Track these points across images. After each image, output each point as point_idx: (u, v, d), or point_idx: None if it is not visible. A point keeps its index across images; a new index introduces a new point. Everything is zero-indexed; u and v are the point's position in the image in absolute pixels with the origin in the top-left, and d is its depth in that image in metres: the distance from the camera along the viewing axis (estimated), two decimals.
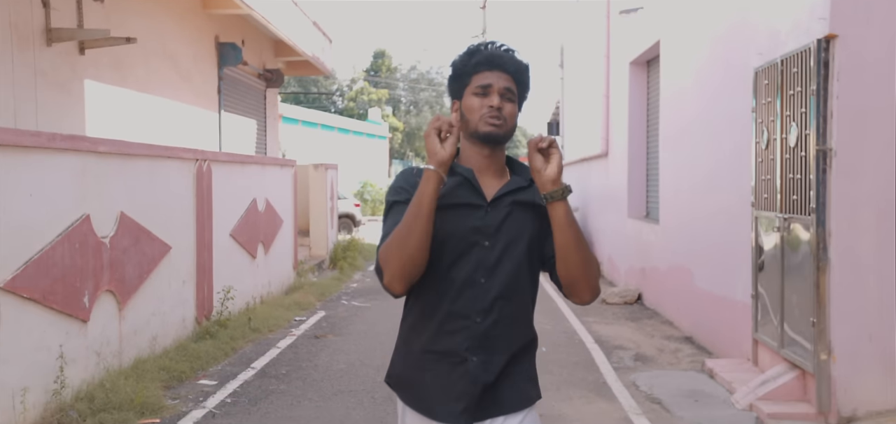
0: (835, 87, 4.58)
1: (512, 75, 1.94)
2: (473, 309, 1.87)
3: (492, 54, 1.94)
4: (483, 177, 1.93)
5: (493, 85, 1.90)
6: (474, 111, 1.90)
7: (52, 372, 4.51)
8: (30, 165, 4.34)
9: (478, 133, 1.90)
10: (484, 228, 1.88)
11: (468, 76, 1.93)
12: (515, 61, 1.96)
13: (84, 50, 6.82)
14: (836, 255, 4.62)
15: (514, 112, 1.94)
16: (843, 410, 4.60)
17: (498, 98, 1.89)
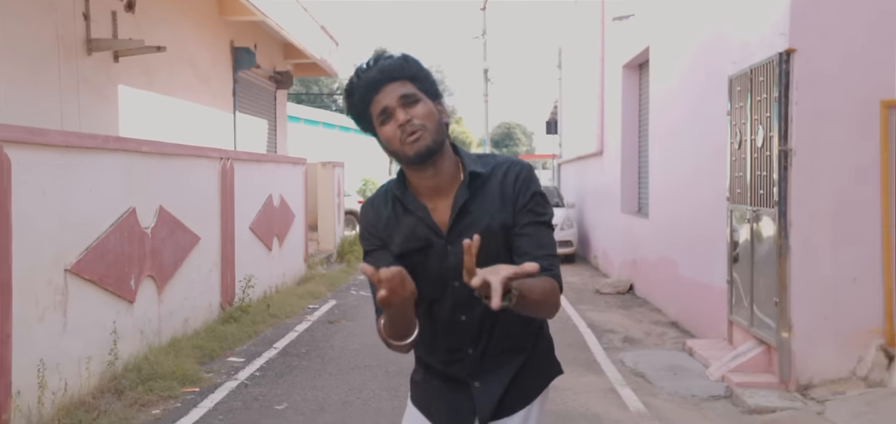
0: (794, 95, 5.24)
1: (400, 78, 1.76)
2: (463, 342, 1.85)
3: (368, 79, 1.76)
4: (436, 201, 1.81)
5: (388, 105, 1.73)
6: (392, 140, 1.74)
7: (106, 346, 5.18)
8: (89, 164, 5.01)
9: (408, 157, 1.74)
10: (449, 268, 1.77)
11: (365, 111, 1.78)
12: (392, 65, 1.77)
13: (118, 58, 7.49)
14: (795, 244, 5.28)
15: (426, 109, 1.74)
16: (801, 379, 5.26)
17: (401, 112, 1.73)
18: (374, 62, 1.77)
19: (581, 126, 15.11)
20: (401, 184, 1.82)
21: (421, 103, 1.74)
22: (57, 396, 4.53)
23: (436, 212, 1.79)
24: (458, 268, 1.67)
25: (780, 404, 5.00)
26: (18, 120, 5.60)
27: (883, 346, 5.10)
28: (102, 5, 7.24)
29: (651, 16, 9.29)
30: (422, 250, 1.78)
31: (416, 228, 1.77)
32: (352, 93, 1.78)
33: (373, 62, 1.77)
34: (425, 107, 1.74)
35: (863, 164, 5.19)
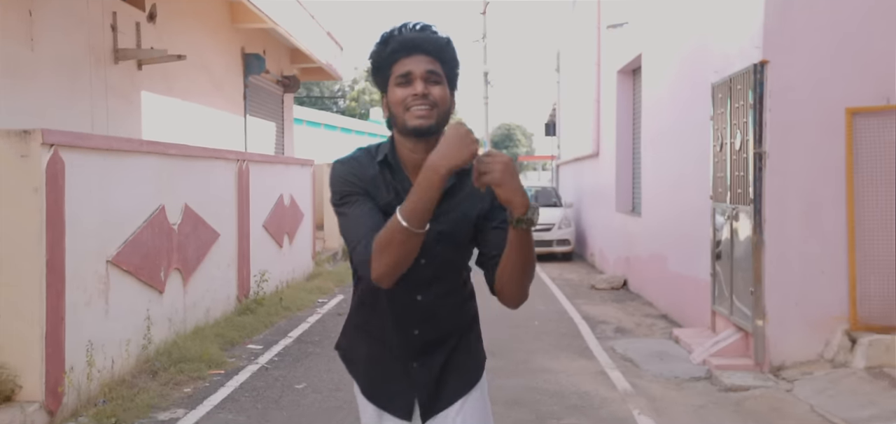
0: (768, 102, 5.79)
1: (433, 55, 1.81)
2: (412, 321, 1.91)
3: (406, 38, 1.80)
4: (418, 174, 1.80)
5: (413, 71, 1.78)
6: (399, 104, 1.78)
7: (141, 331, 5.72)
8: (126, 165, 5.55)
9: (407, 128, 1.78)
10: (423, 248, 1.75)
11: (387, 67, 1.82)
12: (434, 39, 1.82)
13: (141, 66, 8.03)
14: (769, 238, 5.83)
15: (444, 94, 1.81)
16: (774, 361, 5.81)
17: (422, 84, 1.77)
18: (417, 28, 1.82)
19: (578, 128, 15.65)
20: (392, 153, 1.85)
21: (441, 86, 1.80)
22: (102, 374, 5.07)
23: None
24: (429, 249, 1.77)
25: (754, 383, 5.55)
26: (58, 124, 6.14)
27: (847, 331, 5.64)
28: (127, 17, 7.78)
29: (643, 25, 9.84)
30: None
31: (397, 200, 1.77)
32: (385, 44, 1.82)
33: (416, 28, 1.82)
34: (443, 91, 1.80)
35: (829, 166, 5.73)
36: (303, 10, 11.95)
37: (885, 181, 5.61)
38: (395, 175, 1.83)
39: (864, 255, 5.65)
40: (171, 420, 4.80)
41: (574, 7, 16.03)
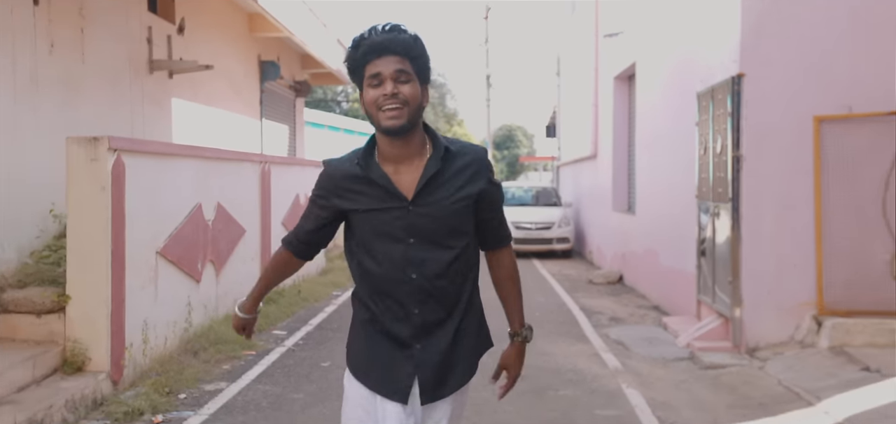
0: (744, 111, 6.51)
1: (402, 54, 1.94)
2: (409, 302, 2.02)
3: (375, 41, 1.94)
4: (401, 168, 2.02)
5: (382, 72, 1.92)
6: (372, 104, 1.94)
7: (183, 314, 6.44)
8: (171, 167, 6.27)
9: (382, 127, 1.94)
10: (407, 227, 1.97)
11: (360, 69, 1.97)
12: (401, 39, 1.95)
13: (172, 75, 8.76)
14: (745, 233, 6.55)
15: (414, 92, 1.94)
16: (749, 343, 6.52)
17: (391, 84, 1.91)
18: (386, 30, 1.96)
19: (577, 131, 16.37)
20: (367, 154, 2.05)
21: (411, 83, 1.94)
22: (153, 351, 5.79)
23: (397, 176, 2.01)
24: (417, 228, 1.97)
25: (731, 362, 6.27)
26: (103, 129, 6.87)
27: (814, 316, 6.35)
28: (160, 30, 8.51)
29: (637, 35, 10.56)
30: (383, 210, 1.99)
31: (377, 193, 1.99)
32: (356, 48, 1.98)
33: (385, 29, 1.97)
34: (414, 88, 1.95)
35: (799, 168, 6.45)
36: (315, 18, 12.68)
37: (848, 181, 6.33)
38: (371, 174, 2.03)
39: (829, 248, 6.36)
40: (216, 390, 5.52)
41: (573, 14, 16.75)
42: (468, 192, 2.03)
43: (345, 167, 2.06)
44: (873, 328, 6.03)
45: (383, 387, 2.05)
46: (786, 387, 5.50)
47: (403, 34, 1.97)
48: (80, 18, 6.87)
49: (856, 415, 4.68)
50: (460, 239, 2.05)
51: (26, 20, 6.08)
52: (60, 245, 6.05)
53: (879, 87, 6.23)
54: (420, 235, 2.00)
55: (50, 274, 5.60)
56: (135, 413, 4.83)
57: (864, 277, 6.27)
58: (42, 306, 5.19)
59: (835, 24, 6.37)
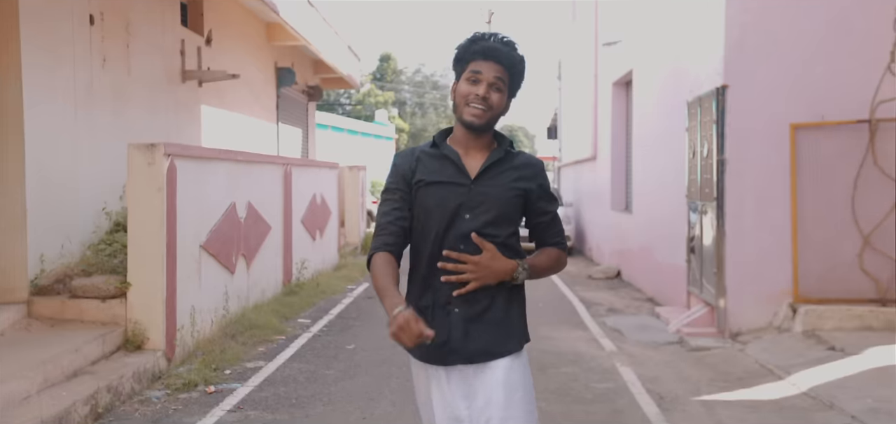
0: (728, 118, 7.25)
1: (505, 67, 2.21)
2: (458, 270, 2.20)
3: (488, 45, 2.21)
4: (469, 153, 2.28)
5: (483, 73, 2.19)
6: (463, 96, 2.22)
7: (221, 302, 7.19)
8: (210, 170, 7.02)
9: (462, 119, 2.23)
10: (466, 203, 2.21)
11: (466, 61, 2.23)
12: (510, 55, 2.23)
13: (202, 83, 9.51)
14: (729, 229, 7.29)
15: (501, 101, 2.23)
16: (732, 329, 7.27)
17: (485, 87, 2.19)
18: (502, 43, 2.24)
19: (578, 133, 17.11)
20: (441, 138, 2.33)
21: (501, 94, 2.23)
22: (199, 333, 6.54)
23: (466, 159, 2.27)
24: (473, 205, 2.20)
25: (714, 345, 7.02)
26: (144, 135, 7.61)
27: (790, 303, 7.10)
28: (191, 43, 9.26)
29: (634, 44, 11.30)
30: (448, 183, 2.22)
31: (446, 167, 2.25)
32: (472, 42, 2.24)
33: (502, 41, 2.24)
34: (502, 99, 2.23)
35: (777, 170, 7.19)
36: (328, 27, 13.44)
37: (821, 182, 7.07)
38: (444, 151, 2.29)
39: (804, 243, 7.11)
40: (257, 367, 6.27)
41: (574, 22, 17.49)
42: (522, 187, 2.28)
43: (418, 149, 2.35)
44: (842, 313, 6.78)
45: (426, 355, 2.25)
46: (761, 365, 6.25)
47: (515, 52, 2.25)
48: (127, 35, 7.63)
49: (817, 386, 5.42)
50: (508, 227, 2.28)
51: (84, 38, 6.83)
52: (113, 239, 6.82)
53: (850, 98, 6.98)
54: (475, 212, 2.21)
55: (108, 264, 6.36)
56: (190, 385, 5.58)
57: (835, 269, 7.02)
58: (106, 292, 5.94)
59: (809, 41, 7.11)
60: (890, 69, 6.86)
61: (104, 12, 7.17)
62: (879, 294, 6.91)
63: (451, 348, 2.21)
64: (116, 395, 5.14)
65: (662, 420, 4.95)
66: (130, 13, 7.72)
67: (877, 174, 6.93)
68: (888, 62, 6.86)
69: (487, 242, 2.19)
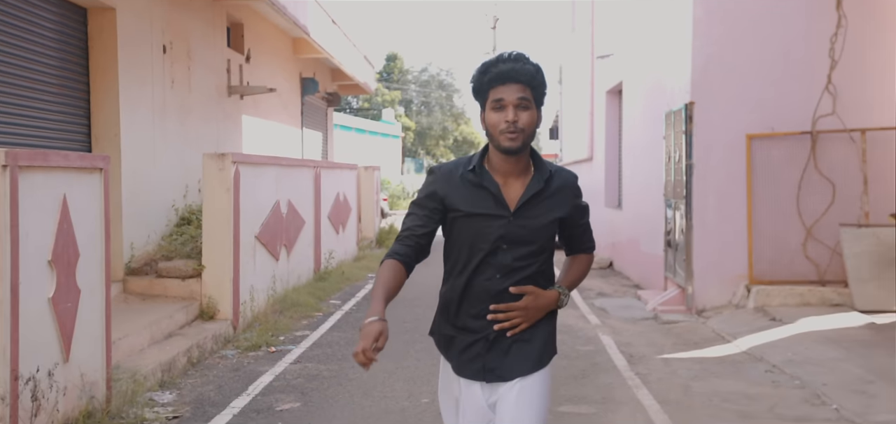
0: (695, 129, 8.74)
1: (525, 83, 2.26)
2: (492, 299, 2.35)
3: (501, 70, 2.26)
4: (508, 181, 2.35)
5: (505, 98, 2.25)
6: (494, 126, 2.27)
7: (270, 284, 8.72)
8: (262, 173, 8.53)
9: (500, 147, 2.28)
10: (505, 235, 2.30)
11: (485, 92, 2.29)
12: (526, 70, 2.27)
13: (243, 96, 11.04)
14: (695, 223, 8.78)
15: (531, 118, 2.28)
16: (698, 306, 8.76)
17: (513, 111, 2.24)
18: (512, 58, 2.28)
19: (577, 135, 18.59)
20: (480, 162, 2.36)
21: (530, 111, 2.27)
22: (255, 308, 8.07)
23: (505, 189, 2.33)
24: (512, 237, 2.30)
25: (682, 319, 8.52)
26: (201, 143, 9.12)
27: (746, 285, 8.59)
28: (235, 61, 10.79)
29: (623, 58, 12.79)
30: (487, 216, 2.30)
31: (486, 199, 2.31)
32: (484, 73, 2.29)
33: (512, 57, 2.28)
34: (531, 115, 2.28)
35: (735, 173, 8.67)
36: (347, 39, 14.95)
37: (771, 184, 8.56)
38: (483, 181, 2.34)
39: (758, 234, 8.60)
40: (304, 335, 7.79)
41: (573, 33, 18.97)
42: (558, 215, 2.38)
43: (459, 171, 2.38)
44: (787, 292, 8.28)
45: (465, 371, 2.39)
46: (716, 333, 7.75)
47: (528, 65, 2.29)
48: (188, 59, 9.16)
49: (754, 346, 6.92)
50: (543, 254, 2.40)
51: (159, 63, 8.37)
52: (182, 231, 8.35)
53: (795, 113, 8.46)
54: (513, 244, 2.32)
55: (182, 250, 7.89)
56: (255, 346, 7.11)
57: (783, 255, 8.51)
58: (185, 272, 7.47)
59: (762, 66, 8.59)
60: (827, 90, 8.34)
61: (173, 41, 8.70)
62: (819, 276, 8.40)
63: (488, 367, 2.37)
64: (202, 351, 6.67)
65: (629, 369, 6.45)
66: (191, 40, 9.25)
67: (817, 177, 8.41)
68: (826, 84, 8.34)
69: (527, 286, 2.33)
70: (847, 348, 6.51)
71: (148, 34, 8.10)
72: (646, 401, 5.50)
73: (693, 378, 6.12)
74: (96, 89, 7.41)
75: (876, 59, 8.32)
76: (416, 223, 2.41)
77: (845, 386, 5.51)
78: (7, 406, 3.92)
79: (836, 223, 8.23)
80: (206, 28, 9.80)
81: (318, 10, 12.53)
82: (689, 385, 5.92)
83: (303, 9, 11.46)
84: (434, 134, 52.14)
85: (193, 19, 9.32)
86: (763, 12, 8.56)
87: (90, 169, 4.77)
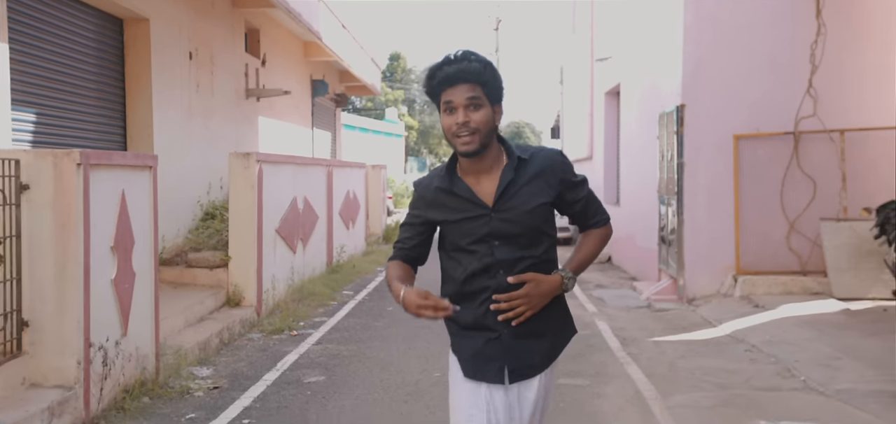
0: (685, 130, 9.40)
1: (473, 81, 2.21)
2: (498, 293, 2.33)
3: (447, 73, 2.22)
4: (480, 179, 2.34)
5: (454, 101, 2.21)
6: (448, 131, 2.27)
7: (288, 274, 9.39)
8: (281, 171, 9.20)
9: (458, 152, 2.30)
10: (492, 232, 2.29)
11: (436, 96, 2.27)
12: (472, 69, 2.22)
13: (259, 98, 11.71)
14: (686, 218, 9.44)
15: (484, 116, 2.23)
16: (689, 296, 9.42)
17: (463, 113, 2.21)
18: (458, 59, 2.25)
19: (577, 134, 19.25)
20: (450, 170, 2.40)
21: (483, 109, 2.24)
22: (276, 297, 8.74)
23: (478, 187, 2.34)
24: (500, 232, 2.30)
25: (674, 307, 9.18)
26: (220, 143, 9.78)
27: (733, 275, 9.25)
28: (252, 65, 11.46)
29: (621, 61, 13.45)
30: (470, 219, 2.33)
31: (463, 204, 2.34)
32: (431, 78, 2.28)
33: (457, 58, 2.25)
34: (485, 113, 2.24)
35: (723, 171, 9.32)
36: (354, 41, 15.62)
37: (757, 181, 9.21)
38: (454, 188, 2.37)
39: (744, 228, 9.25)
40: (322, 321, 8.46)
41: (574, 35, 19.63)
42: (544, 200, 2.33)
43: (434, 183, 2.41)
44: (771, 282, 8.94)
45: (484, 375, 2.36)
46: (704, 319, 8.41)
47: (474, 63, 2.24)
48: (211, 64, 9.84)
49: (737, 330, 7.58)
50: (542, 241, 2.37)
51: (184, 70, 9.05)
52: (207, 225, 9.03)
53: (779, 115, 9.12)
54: (504, 238, 2.30)
55: (208, 243, 8.57)
56: (278, 330, 7.77)
57: (767, 248, 9.17)
58: (213, 262, 8.15)
59: (748, 71, 9.24)
60: (808, 93, 9.00)
61: (198, 48, 9.38)
62: (801, 266, 9.06)
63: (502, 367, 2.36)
64: (231, 334, 7.34)
65: (621, 350, 7.11)
66: (214, 46, 9.93)
67: (799, 174, 9.07)
68: (807, 87, 8.99)
69: (525, 275, 2.30)
70: (821, 330, 7.17)
71: (177, 42, 8.77)
72: (635, 375, 6.17)
73: (679, 357, 6.78)
74: (131, 93, 8.09)
75: (853, 64, 8.97)
76: (406, 235, 2.52)
77: (815, 362, 6.17)
78: (81, 369, 4.59)
79: (817, 217, 8.89)
80: (227, 34, 10.47)
81: (329, 15, 13.20)
82: (674, 362, 6.58)
83: (316, 15, 12.14)
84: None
85: (216, 26, 9.99)
86: (749, 20, 9.21)
87: (142, 167, 5.44)
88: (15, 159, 4.46)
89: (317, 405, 5.40)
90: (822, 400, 5.34)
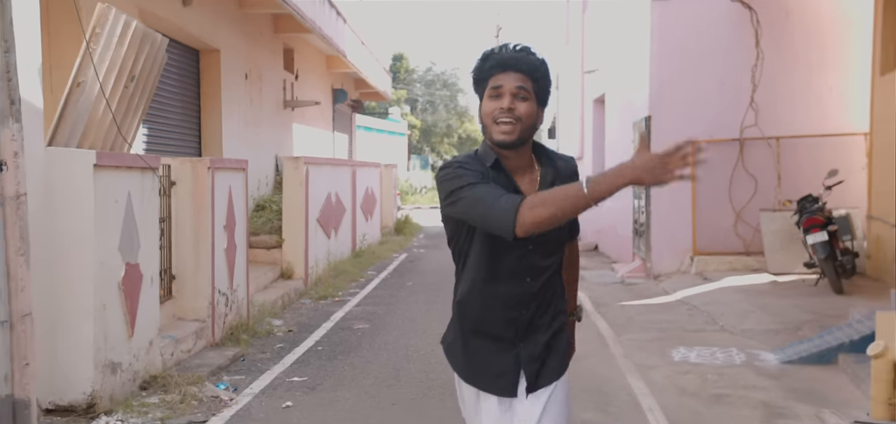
0: (653, 137, 11.56)
1: (526, 73, 2.17)
2: (522, 303, 2.30)
3: (503, 57, 2.18)
4: (517, 177, 2.27)
5: (503, 86, 2.15)
6: (488, 115, 2.19)
7: (325, 255, 11.57)
8: (321, 171, 11.36)
9: (493, 140, 2.20)
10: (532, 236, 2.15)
11: (484, 81, 2.21)
12: (529, 59, 2.18)
13: (294, 108, 13.89)
14: (653, 210, 11.60)
15: (530, 110, 2.17)
16: (655, 273, 11.59)
17: (509, 99, 2.15)
18: (516, 48, 2.23)
19: (570, 136, 21.41)
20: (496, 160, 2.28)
21: (529, 102, 2.21)
22: (318, 273, 10.91)
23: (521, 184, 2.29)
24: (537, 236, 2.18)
25: (641, 282, 11.36)
26: (266, 149, 11.94)
27: (691, 256, 11.43)
28: (288, 79, 13.64)
29: (606, 74, 15.62)
30: None
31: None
32: (485, 60, 2.25)
33: (515, 48, 2.23)
34: (531, 107, 2.21)
35: None
36: (370, 54, 17.79)
37: (710, 179, 11.37)
38: (505, 176, 2.27)
39: (700, 218, 11.42)
40: (356, 291, 10.63)
41: (567, 45, 21.81)
42: None
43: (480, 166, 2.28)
44: (719, 261, 11.12)
45: (491, 387, 2.36)
46: (663, 290, 10.59)
47: (531, 56, 2.24)
48: (260, 82, 12.02)
49: (686, 296, 9.77)
50: (562, 246, 2.43)
51: (242, 89, 11.23)
52: (260, 215, 11.21)
53: (728, 124, 11.29)
54: (537, 242, 2.27)
55: (263, 229, 10.75)
56: (323, 297, 9.95)
57: (718, 233, 11.35)
58: (269, 244, 10.32)
59: (703, 89, 11.41)
60: (751, 107, 11.18)
61: (251, 70, 11.57)
62: (745, 248, 11.24)
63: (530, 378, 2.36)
64: (289, 298, 9.53)
65: (594, 311, 9.29)
66: (262, 67, 12.11)
67: (744, 173, 11.24)
68: (749, 102, 11.17)
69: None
70: (748, 294, 9.35)
71: (237, 66, 10.96)
72: (600, 325, 8.36)
73: (637, 314, 8.97)
74: (205, 109, 10.26)
75: (786, 83, 11.15)
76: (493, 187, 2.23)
77: (734, 314, 8.36)
78: (210, 307, 6.77)
79: (758, 208, 11.06)
80: (270, 56, 12.65)
81: (351, 35, 15.37)
82: (632, 317, 8.77)
83: (341, 36, 14.31)
84: (439, 131, 54.94)
85: (262, 50, 12.17)
86: (704, 48, 11.39)
87: (240, 169, 7.62)
88: (167, 164, 6.64)
89: (367, 339, 7.58)
90: (728, 336, 7.54)
